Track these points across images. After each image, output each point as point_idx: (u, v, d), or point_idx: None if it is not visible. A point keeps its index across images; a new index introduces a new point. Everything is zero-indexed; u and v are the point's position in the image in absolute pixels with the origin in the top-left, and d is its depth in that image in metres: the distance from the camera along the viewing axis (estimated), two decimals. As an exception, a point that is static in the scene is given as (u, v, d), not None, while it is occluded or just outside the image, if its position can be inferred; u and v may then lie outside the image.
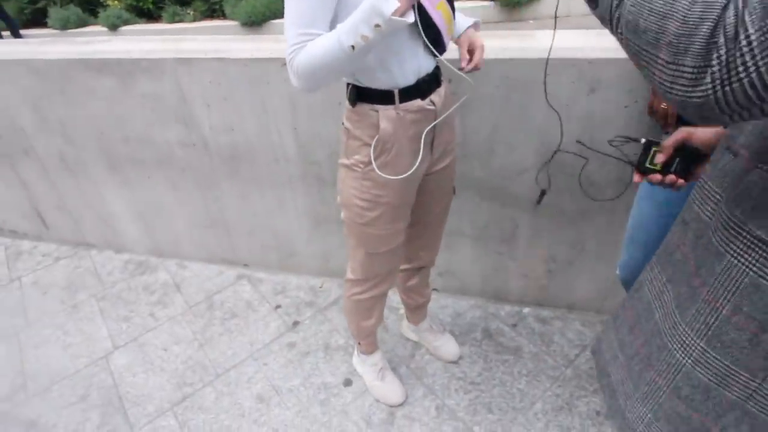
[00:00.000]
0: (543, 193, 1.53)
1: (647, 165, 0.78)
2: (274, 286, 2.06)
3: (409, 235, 1.30)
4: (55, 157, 2.10)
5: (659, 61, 0.43)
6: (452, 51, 1.08)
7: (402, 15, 0.84)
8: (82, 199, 2.22)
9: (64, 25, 7.70)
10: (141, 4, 7.55)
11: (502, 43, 1.38)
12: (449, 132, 1.19)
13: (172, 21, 7.39)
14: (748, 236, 0.54)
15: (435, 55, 1.00)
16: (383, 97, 1.01)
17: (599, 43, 1.33)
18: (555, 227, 1.61)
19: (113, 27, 7.46)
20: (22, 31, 7.90)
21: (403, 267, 1.47)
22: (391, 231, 1.17)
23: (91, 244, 2.40)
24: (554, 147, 1.40)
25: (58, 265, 2.31)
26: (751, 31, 0.36)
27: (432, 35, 0.95)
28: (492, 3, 6.04)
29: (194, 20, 7.33)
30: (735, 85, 0.38)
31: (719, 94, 0.39)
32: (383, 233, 1.17)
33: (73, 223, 2.35)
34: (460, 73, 1.02)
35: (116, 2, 7.62)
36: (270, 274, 2.11)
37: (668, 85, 0.43)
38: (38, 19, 8.07)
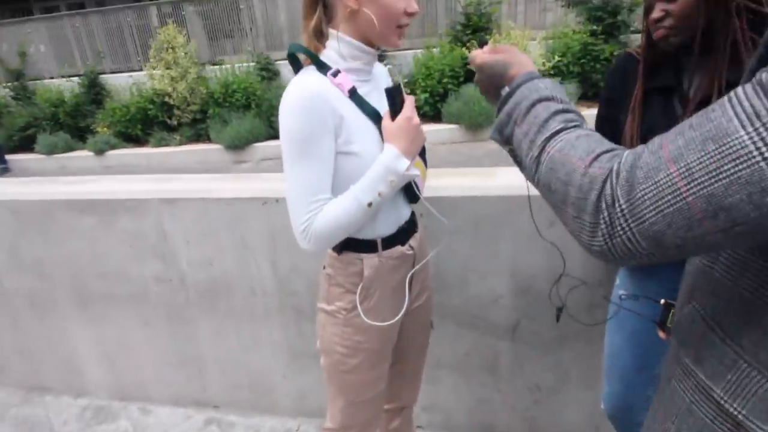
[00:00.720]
0: (560, 310, 1.54)
1: (668, 324, 0.79)
2: (246, 430, 1.90)
3: (389, 375, 1.27)
4: (24, 295, 2.04)
5: (568, 214, 0.52)
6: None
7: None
8: (45, 339, 2.11)
9: (51, 151, 8.01)
10: (130, 130, 7.99)
11: (468, 182, 1.50)
12: (424, 270, 1.24)
13: (159, 145, 7.79)
14: (683, 363, 0.59)
15: (417, 200, 1.08)
16: (367, 245, 1.05)
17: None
18: (535, 354, 1.60)
19: (100, 152, 7.80)
20: (8, 156, 8.15)
21: (384, 407, 1.40)
22: (373, 376, 1.15)
23: (48, 387, 2.22)
24: (523, 275, 1.45)
25: (7, 416, 2.10)
26: (622, 201, 0.46)
27: (410, 186, 1.05)
28: (458, 126, 6.68)
29: (180, 144, 7.76)
30: (617, 240, 0.47)
31: (609, 245, 0.48)
32: (365, 379, 1.14)
33: (30, 365, 2.20)
34: (438, 215, 1.11)
35: (105, 129, 8.06)
36: (242, 417, 1.97)
37: (577, 233, 0.51)
38: (27, 145, 8.39)
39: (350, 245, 1.05)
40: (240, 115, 7.43)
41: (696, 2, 0.93)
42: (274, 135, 7.07)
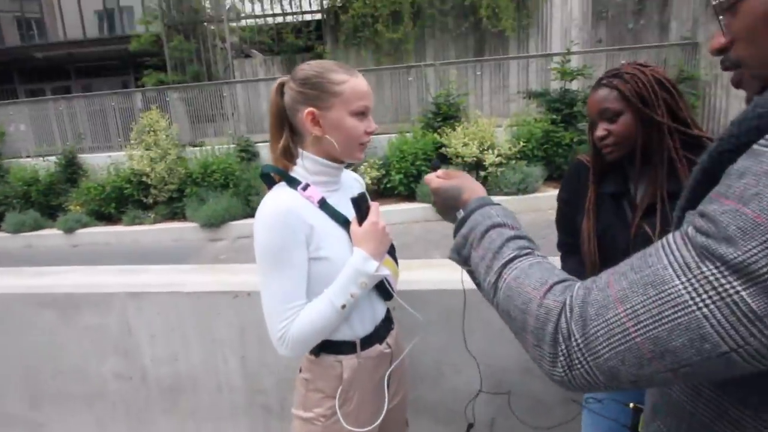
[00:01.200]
0: (470, 426, 1.51)
1: (639, 430, 0.81)
2: None
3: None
4: (-34, 394, 1.88)
5: (528, 342, 0.53)
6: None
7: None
8: (-16, 445, 1.91)
9: (18, 229, 7.79)
10: (103, 209, 7.91)
11: (439, 274, 1.54)
12: (400, 367, 1.23)
13: (132, 224, 7.69)
14: None
15: (391, 297, 1.10)
16: (346, 346, 1.06)
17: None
18: (514, 453, 1.54)
19: (70, 230, 7.62)
20: (-29, 236, 7.85)
21: None
22: None
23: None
24: (494, 368, 1.44)
25: None
26: (578, 336, 0.47)
27: (382, 284, 1.07)
28: (431, 205, 6.88)
29: (155, 222, 7.69)
30: (576, 372, 0.48)
31: (569, 376, 0.48)
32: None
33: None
34: (412, 311, 1.13)
35: (78, 207, 7.96)
36: None
37: (538, 361, 0.51)
38: (-7, 223, 8.13)
39: (328, 347, 1.05)
40: (218, 194, 7.51)
41: (634, 124, 1.06)
42: (251, 213, 7.10)
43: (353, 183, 1.19)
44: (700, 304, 0.41)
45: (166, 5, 10.74)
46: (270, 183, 1.04)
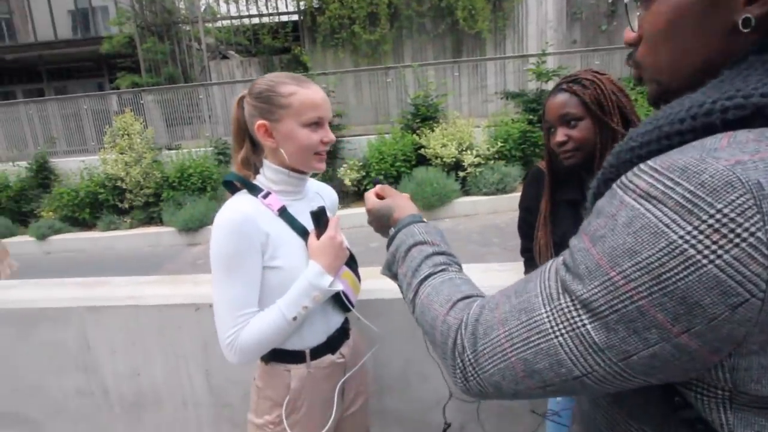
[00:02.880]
0: (447, 426, 1.50)
1: None
2: None
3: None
4: None
5: (439, 354, 0.57)
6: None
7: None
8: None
9: (-13, 238, 7.50)
10: (77, 214, 7.70)
11: (404, 283, 1.52)
12: (360, 374, 1.21)
13: (107, 229, 7.50)
14: None
15: (348, 310, 1.09)
16: (295, 356, 1.05)
17: (486, 281, 1.50)
18: (484, 459, 1.53)
19: (42, 237, 7.40)
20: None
21: None
22: None
23: None
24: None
25: None
26: (469, 352, 0.51)
27: (339, 296, 1.07)
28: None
29: (131, 227, 7.51)
30: (471, 384, 0.52)
31: (467, 386, 0.52)
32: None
33: None
34: (368, 323, 1.13)
35: (51, 213, 7.72)
36: None
37: (450, 371, 0.55)
38: (-40, 232, 7.83)
39: (278, 356, 1.05)
40: (195, 198, 7.37)
41: (593, 130, 1.06)
42: (230, 217, 6.98)
43: (320, 192, 1.19)
44: (557, 333, 0.44)
45: (138, 6, 10.50)
46: (233, 190, 1.05)
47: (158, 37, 10.46)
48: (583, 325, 0.43)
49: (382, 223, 0.84)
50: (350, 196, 7.44)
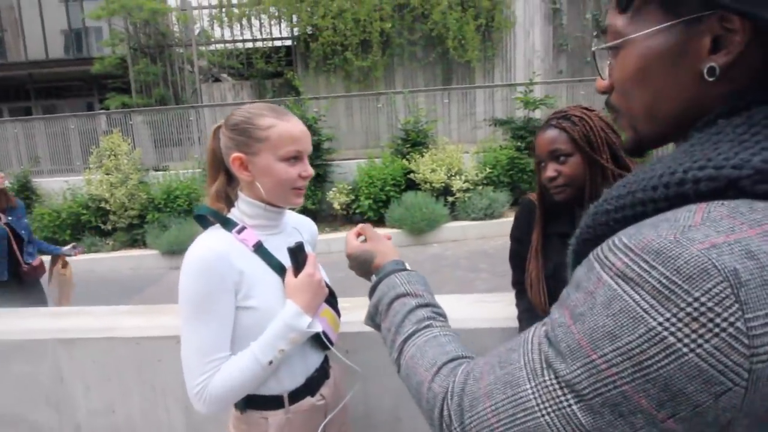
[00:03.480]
0: None
1: None
2: None
3: None
4: None
5: (427, 419, 0.54)
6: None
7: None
8: None
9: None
10: (57, 236, 7.52)
11: (393, 315, 1.48)
12: (342, 413, 1.15)
13: (89, 251, 7.33)
14: None
15: (327, 348, 1.05)
16: (272, 402, 0.99)
17: (477, 313, 1.48)
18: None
19: (20, 259, 7.18)
20: None
21: None
22: None
23: None
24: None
25: None
26: (456, 425, 0.49)
27: (319, 335, 1.02)
28: (401, 230, 6.88)
29: (113, 249, 7.35)
30: None
31: None
32: None
33: None
34: (349, 363, 1.08)
35: (31, 235, 7.54)
36: None
37: None
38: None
39: (253, 403, 0.99)
40: (181, 220, 7.27)
41: (583, 166, 1.06)
42: (216, 240, 6.89)
43: (299, 226, 1.13)
44: (543, 411, 0.43)
45: (133, 28, 10.59)
46: (205, 225, 1.00)
47: (151, 59, 10.53)
48: (569, 406, 0.41)
49: (363, 269, 0.82)
50: (339, 219, 7.42)
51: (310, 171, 0.99)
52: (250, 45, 11.37)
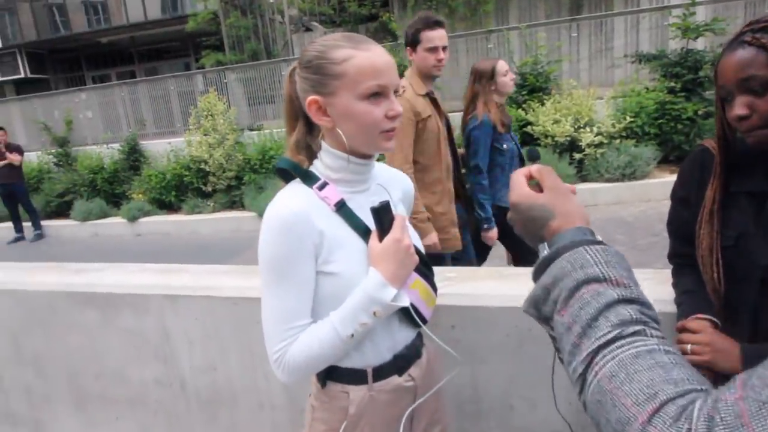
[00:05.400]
0: None
1: None
2: None
3: None
4: (20, 390, 2.08)
5: None
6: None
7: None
8: (35, 443, 2.11)
9: (85, 218, 8.66)
10: (164, 197, 8.55)
11: (510, 288, 1.41)
12: (434, 399, 1.13)
13: (192, 212, 8.24)
14: None
15: (418, 326, 1.02)
16: (355, 375, 1.00)
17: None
18: None
19: (133, 219, 8.35)
20: (43, 222, 8.90)
21: None
22: None
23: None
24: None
25: None
26: None
27: (407, 311, 0.99)
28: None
29: (213, 211, 8.17)
30: None
31: None
32: None
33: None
34: (444, 346, 1.03)
35: (140, 195, 8.68)
36: None
37: None
38: (63, 211, 9.15)
39: (335, 375, 1.01)
40: (276, 181, 7.76)
41: None
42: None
43: (390, 182, 1.09)
44: None
45: (223, -20, 11.26)
46: (287, 178, 1.01)
47: (241, 12, 11.16)
48: None
49: (529, 229, 0.65)
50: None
51: (398, 109, 0.93)
52: (342, -13, 11.46)
